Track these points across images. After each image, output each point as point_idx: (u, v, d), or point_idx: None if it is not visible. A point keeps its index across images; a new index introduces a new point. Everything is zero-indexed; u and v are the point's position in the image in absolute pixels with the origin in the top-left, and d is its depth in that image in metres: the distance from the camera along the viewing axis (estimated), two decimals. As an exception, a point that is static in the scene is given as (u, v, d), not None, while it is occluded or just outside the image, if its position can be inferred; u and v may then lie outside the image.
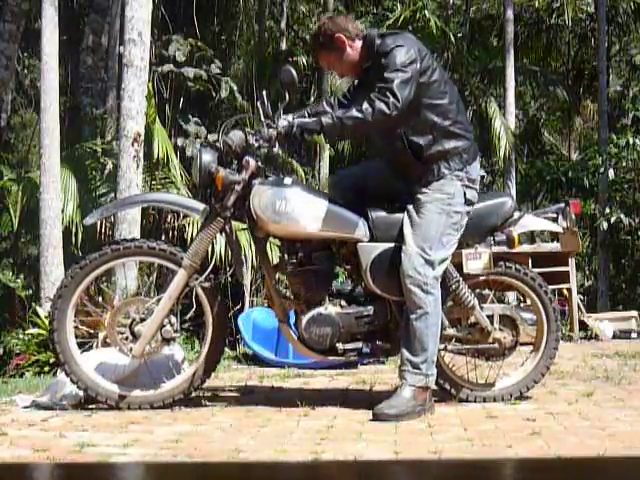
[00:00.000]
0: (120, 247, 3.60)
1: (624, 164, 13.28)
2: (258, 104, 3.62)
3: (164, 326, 3.52)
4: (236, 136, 3.52)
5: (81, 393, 3.57)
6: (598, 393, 4.00)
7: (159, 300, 3.53)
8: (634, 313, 7.90)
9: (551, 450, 2.81)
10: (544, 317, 3.79)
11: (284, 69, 3.52)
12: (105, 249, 3.58)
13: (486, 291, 3.82)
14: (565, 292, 7.34)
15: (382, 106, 3.37)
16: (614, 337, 7.34)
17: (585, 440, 2.96)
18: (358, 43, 3.62)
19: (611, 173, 12.71)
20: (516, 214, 3.74)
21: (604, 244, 13.43)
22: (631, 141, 12.40)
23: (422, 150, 3.53)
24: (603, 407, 3.65)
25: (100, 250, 3.57)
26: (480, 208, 3.65)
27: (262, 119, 3.54)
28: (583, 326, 7.32)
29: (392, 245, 3.55)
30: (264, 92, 3.64)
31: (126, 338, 3.52)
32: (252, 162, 3.48)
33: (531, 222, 3.84)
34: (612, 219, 12.50)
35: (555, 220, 3.86)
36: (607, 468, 2.70)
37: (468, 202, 3.59)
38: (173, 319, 3.55)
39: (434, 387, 3.57)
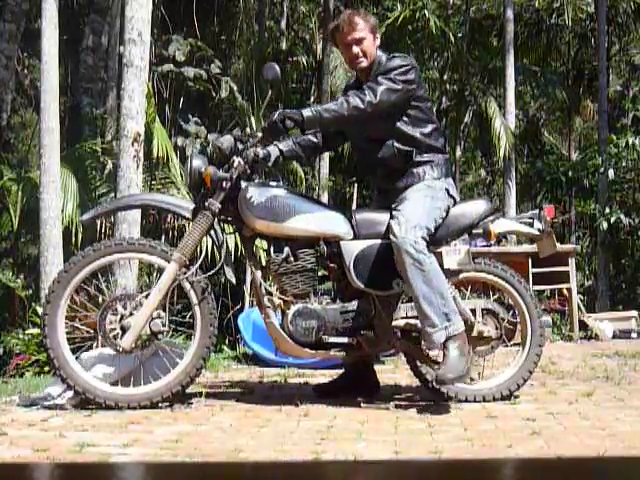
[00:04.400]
0: (102, 247, 3.63)
1: (624, 164, 13.27)
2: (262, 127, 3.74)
3: (153, 319, 3.55)
4: (226, 139, 3.68)
5: (81, 393, 3.57)
6: (598, 393, 4.00)
7: (148, 295, 3.56)
8: (634, 313, 7.89)
9: (551, 450, 2.81)
10: (524, 306, 3.86)
11: (268, 66, 3.63)
12: (88, 250, 3.62)
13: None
14: (565, 292, 7.37)
15: (357, 101, 3.60)
16: (614, 337, 7.33)
17: (585, 440, 2.96)
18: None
19: (611, 173, 12.70)
20: (492, 216, 3.88)
21: (604, 244, 13.43)
22: (631, 141, 12.39)
23: (411, 156, 3.75)
24: (603, 407, 3.65)
25: (83, 252, 3.61)
26: (457, 207, 3.82)
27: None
28: (583, 326, 7.32)
29: (375, 242, 3.68)
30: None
31: (116, 335, 3.53)
32: (240, 162, 3.61)
33: (507, 224, 3.95)
34: (612, 219, 12.49)
35: (531, 225, 3.93)
36: (607, 468, 2.70)
37: (451, 197, 3.79)
38: (162, 313, 3.59)
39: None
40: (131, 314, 3.54)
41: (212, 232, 3.70)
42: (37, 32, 9.15)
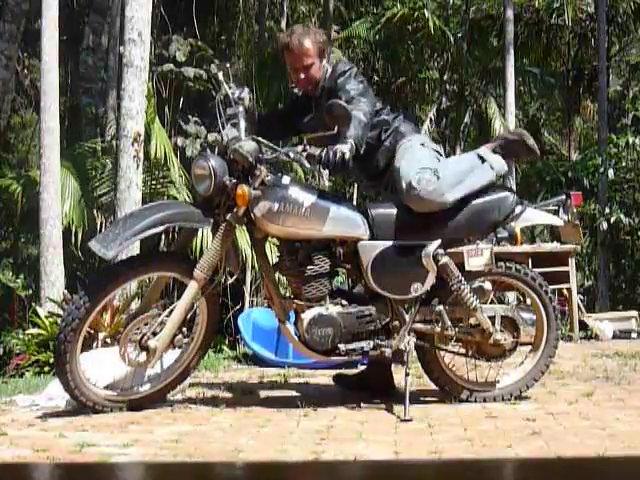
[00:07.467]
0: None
1: (624, 164, 13.26)
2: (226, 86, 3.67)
3: (176, 335, 3.47)
4: (247, 144, 3.42)
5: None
6: (598, 393, 4.00)
7: (171, 312, 3.43)
8: (634, 313, 7.89)
9: (551, 450, 2.81)
10: (544, 316, 3.79)
11: (335, 104, 3.37)
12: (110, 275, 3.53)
13: (486, 284, 3.80)
14: (565, 292, 7.35)
15: (364, 111, 3.57)
16: (614, 337, 7.32)
17: (585, 440, 2.96)
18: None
19: (611, 173, 12.69)
20: (518, 209, 3.71)
21: (604, 244, 13.42)
22: (631, 141, 12.38)
23: (381, 131, 3.79)
24: (603, 407, 3.65)
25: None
26: (481, 203, 3.65)
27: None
28: (583, 326, 7.31)
29: (393, 243, 3.56)
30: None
31: (136, 353, 3.42)
32: (265, 172, 3.41)
33: (533, 216, 3.82)
34: (612, 219, 12.48)
35: (556, 213, 3.84)
36: (607, 468, 2.70)
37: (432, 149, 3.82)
38: (183, 328, 3.50)
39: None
40: (154, 334, 3.40)
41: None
42: (37, 32, 9.15)
